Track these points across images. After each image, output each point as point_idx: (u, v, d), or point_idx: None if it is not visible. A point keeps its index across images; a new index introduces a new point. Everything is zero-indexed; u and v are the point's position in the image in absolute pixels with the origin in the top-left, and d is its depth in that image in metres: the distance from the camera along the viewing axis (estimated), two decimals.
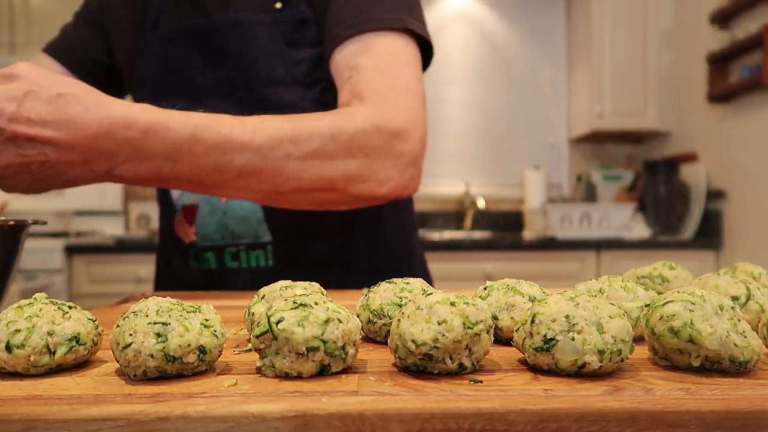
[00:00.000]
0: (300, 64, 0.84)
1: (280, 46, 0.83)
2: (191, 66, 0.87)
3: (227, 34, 0.84)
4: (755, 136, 2.45)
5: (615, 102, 2.99)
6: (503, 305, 0.46)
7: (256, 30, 0.83)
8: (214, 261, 0.89)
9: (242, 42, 0.84)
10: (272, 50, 0.83)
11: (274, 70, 0.83)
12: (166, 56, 0.88)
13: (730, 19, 2.60)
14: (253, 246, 0.88)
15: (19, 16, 2.96)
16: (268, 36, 0.83)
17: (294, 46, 0.84)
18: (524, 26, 3.37)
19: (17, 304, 0.40)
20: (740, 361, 0.37)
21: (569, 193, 3.36)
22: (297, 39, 0.84)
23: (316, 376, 0.38)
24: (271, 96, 0.84)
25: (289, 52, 0.83)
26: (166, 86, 0.88)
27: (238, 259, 0.89)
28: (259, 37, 0.83)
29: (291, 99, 0.84)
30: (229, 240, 0.88)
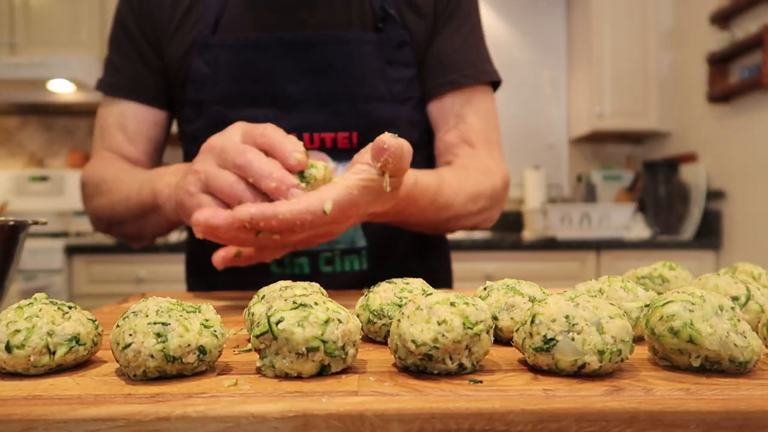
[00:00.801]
0: (397, 82, 0.90)
1: (383, 64, 0.89)
2: (283, 75, 0.87)
3: (333, 49, 0.87)
4: (755, 136, 2.45)
5: (615, 102, 2.99)
6: (503, 305, 0.46)
7: (365, 48, 0.88)
8: (308, 266, 0.90)
9: (350, 58, 0.88)
10: (375, 68, 0.89)
11: (376, 86, 0.89)
12: (246, 62, 0.87)
13: (730, 19, 2.60)
14: (348, 251, 0.91)
15: (19, 16, 2.96)
16: (373, 54, 0.89)
17: (393, 64, 0.90)
18: (524, 26, 3.38)
19: (17, 304, 0.40)
20: (740, 362, 0.37)
21: (569, 193, 3.36)
22: (396, 58, 0.90)
23: (316, 376, 0.38)
24: (372, 111, 0.89)
25: (389, 71, 0.90)
26: (245, 93, 0.88)
27: (332, 264, 0.90)
28: (367, 54, 0.88)
29: (388, 115, 0.90)
30: (324, 245, 0.89)
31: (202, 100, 0.89)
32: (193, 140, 0.92)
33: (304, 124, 0.87)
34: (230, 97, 0.88)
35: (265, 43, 0.87)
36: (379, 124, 0.88)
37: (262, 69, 0.87)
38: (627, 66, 2.99)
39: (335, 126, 0.88)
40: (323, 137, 0.88)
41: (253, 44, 0.87)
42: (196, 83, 0.89)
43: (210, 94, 0.89)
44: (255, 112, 0.87)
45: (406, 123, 0.92)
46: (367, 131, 0.88)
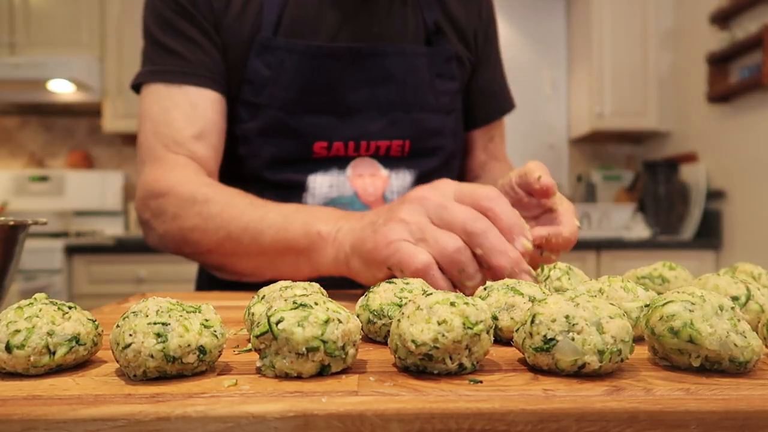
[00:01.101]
0: (444, 94, 0.94)
1: (432, 76, 0.93)
2: (343, 83, 0.88)
3: (394, 60, 0.89)
4: (755, 136, 2.45)
5: (615, 102, 2.99)
6: (503, 305, 0.46)
7: (418, 60, 0.91)
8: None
9: (406, 69, 0.90)
10: (426, 79, 0.92)
11: (426, 97, 0.92)
12: (313, 70, 0.86)
13: (730, 19, 2.60)
14: None
15: (19, 16, 2.96)
16: (426, 66, 0.92)
17: (441, 77, 0.94)
18: (524, 26, 3.38)
19: (17, 304, 0.40)
20: (740, 362, 0.37)
21: (569, 193, 3.36)
22: (444, 72, 0.94)
23: (316, 376, 0.38)
24: (423, 120, 0.92)
25: (438, 83, 0.93)
26: (309, 102, 0.86)
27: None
28: (419, 66, 0.91)
29: (437, 124, 0.94)
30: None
31: (259, 103, 0.86)
32: (243, 142, 0.89)
33: (361, 131, 0.89)
34: (292, 103, 0.86)
35: (337, 51, 0.86)
36: (429, 134, 0.93)
37: (328, 77, 0.87)
38: (627, 66, 2.99)
39: (390, 134, 0.90)
40: (378, 145, 0.90)
41: (325, 52, 0.86)
42: (255, 85, 0.85)
43: (268, 98, 0.85)
44: (313, 120, 0.87)
45: (450, 133, 0.96)
46: (418, 140, 0.93)
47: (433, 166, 0.94)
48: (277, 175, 0.89)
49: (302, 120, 0.87)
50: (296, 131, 0.88)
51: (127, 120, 2.98)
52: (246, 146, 0.89)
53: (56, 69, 2.84)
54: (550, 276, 0.55)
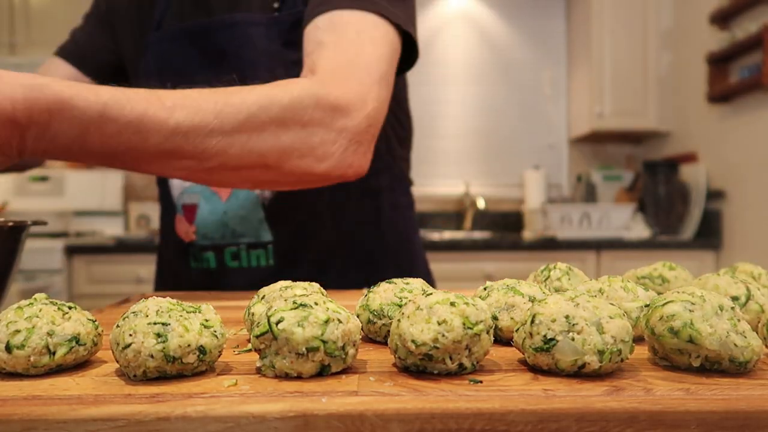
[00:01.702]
0: (298, 64, 0.78)
1: (278, 46, 0.82)
2: (191, 66, 0.86)
3: (227, 34, 0.83)
4: (755, 136, 2.45)
5: (615, 102, 2.99)
6: (503, 305, 0.46)
7: (252, 30, 0.81)
8: (214, 260, 0.89)
9: (239, 42, 0.83)
10: (270, 50, 0.82)
11: (273, 70, 0.81)
12: (167, 56, 0.88)
13: (730, 19, 2.60)
14: (254, 245, 0.88)
15: (19, 16, 2.96)
16: (265, 36, 0.82)
17: (291, 46, 0.81)
18: (524, 26, 3.37)
19: (17, 304, 0.40)
20: (740, 362, 0.37)
21: (569, 193, 3.36)
22: (294, 39, 0.81)
23: (316, 376, 0.38)
24: None
25: (287, 53, 0.82)
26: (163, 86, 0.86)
27: (238, 259, 0.88)
28: (255, 37, 0.82)
29: None
30: (229, 239, 0.88)
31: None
32: None
33: None
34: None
35: (177, 34, 0.87)
36: None
37: (175, 61, 0.88)
38: (627, 66, 2.98)
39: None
40: None
41: (169, 37, 0.88)
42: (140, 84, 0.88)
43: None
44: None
45: None
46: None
47: None
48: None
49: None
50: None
51: None
52: None
53: None
54: (550, 276, 0.55)
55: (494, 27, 3.34)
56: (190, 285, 0.92)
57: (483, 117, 3.35)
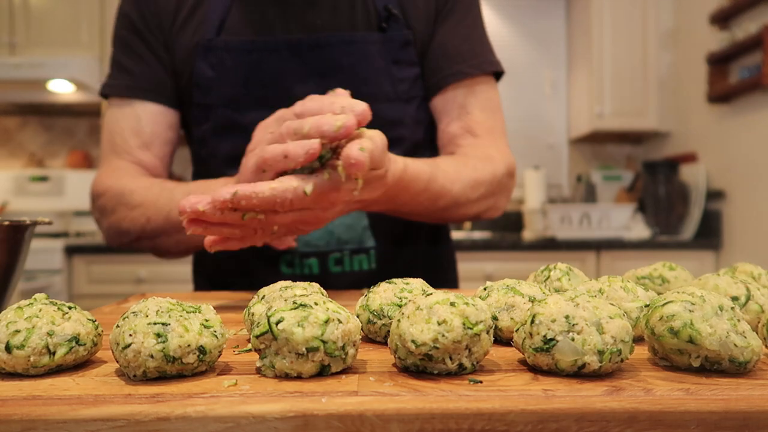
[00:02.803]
0: (402, 81, 0.90)
1: (388, 63, 0.89)
2: (290, 77, 0.87)
3: (339, 50, 0.87)
4: (755, 137, 2.45)
5: (615, 102, 2.99)
6: (503, 305, 0.47)
7: (370, 48, 0.88)
8: (318, 266, 0.90)
9: (356, 58, 0.88)
10: (381, 68, 0.89)
11: (382, 86, 0.89)
12: (253, 65, 0.87)
13: (729, 19, 2.60)
14: (357, 251, 0.91)
15: (19, 16, 2.96)
16: (379, 54, 0.89)
17: (398, 64, 0.90)
18: (524, 26, 3.38)
19: (17, 304, 0.40)
20: (740, 362, 0.37)
21: (569, 193, 3.36)
22: (401, 58, 0.90)
23: (316, 376, 0.38)
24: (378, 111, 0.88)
25: (394, 70, 0.90)
26: (251, 96, 0.87)
27: (341, 264, 0.91)
28: (372, 54, 0.88)
29: (394, 115, 0.90)
30: (334, 246, 0.90)
31: (209, 104, 0.89)
32: (201, 143, 0.92)
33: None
34: (237, 100, 0.88)
35: (272, 45, 0.87)
36: (386, 124, 0.88)
37: (269, 71, 0.87)
38: (627, 66, 2.99)
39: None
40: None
41: (260, 47, 0.87)
42: (202, 87, 0.89)
43: (216, 98, 0.88)
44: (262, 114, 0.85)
45: (412, 122, 0.92)
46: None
47: None
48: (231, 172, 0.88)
49: (249, 116, 0.86)
50: (245, 127, 0.86)
51: None
52: (205, 148, 0.92)
53: (56, 69, 2.84)
54: (550, 276, 0.55)
55: (494, 27, 3.34)
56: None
57: None
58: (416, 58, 0.91)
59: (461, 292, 0.58)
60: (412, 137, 0.93)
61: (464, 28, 0.93)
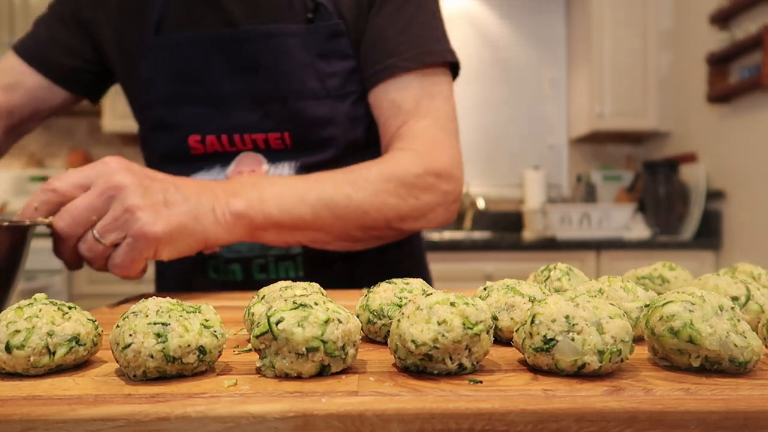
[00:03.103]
0: (332, 76, 0.83)
1: (312, 57, 0.83)
2: (215, 74, 0.84)
3: (259, 44, 0.83)
4: (755, 137, 2.45)
5: (615, 102, 2.99)
6: (503, 306, 0.46)
7: (289, 41, 0.82)
8: (240, 272, 0.88)
9: (275, 53, 0.82)
10: (305, 62, 0.83)
11: (307, 82, 0.83)
12: (181, 62, 0.85)
13: (729, 19, 2.60)
14: (283, 257, 0.87)
15: (19, 16, 2.96)
16: (301, 47, 0.82)
17: (326, 58, 0.83)
18: (524, 26, 3.38)
19: (17, 304, 0.40)
20: (740, 362, 0.37)
21: (569, 193, 3.36)
22: (329, 51, 0.83)
23: (316, 376, 0.38)
24: (305, 109, 0.83)
25: (321, 65, 0.83)
26: (182, 92, 0.86)
27: (266, 271, 0.87)
28: (292, 48, 0.82)
29: (323, 112, 0.84)
30: (257, 252, 0.87)
31: (147, 104, 0.88)
32: (143, 144, 0.92)
33: (237, 124, 0.84)
34: (170, 97, 0.86)
35: (198, 41, 0.84)
36: (314, 123, 0.83)
37: (197, 68, 0.85)
38: (627, 66, 2.99)
39: (267, 126, 0.84)
40: (254, 138, 0.84)
41: (188, 42, 0.85)
42: (141, 87, 0.88)
43: (153, 97, 0.87)
44: (192, 111, 0.85)
45: (345, 120, 0.85)
46: (300, 130, 0.84)
47: (322, 158, 0.85)
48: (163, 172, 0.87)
49: (179, 112, 0.85)
50: (173, 125, 0.86)
51: (127, 120, 2.98)
52: (145, 147, 0.93)
53: None
54: (550, 276, 0.55)
55: (494, 27, 3.34)
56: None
57: (483, 117, 3.35)
58: (351, 51, 0.84)
59: (461, 292, 0.58)
60: (346, 137, 0.85)
61: (403, 16, 0.84)
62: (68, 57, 0.92)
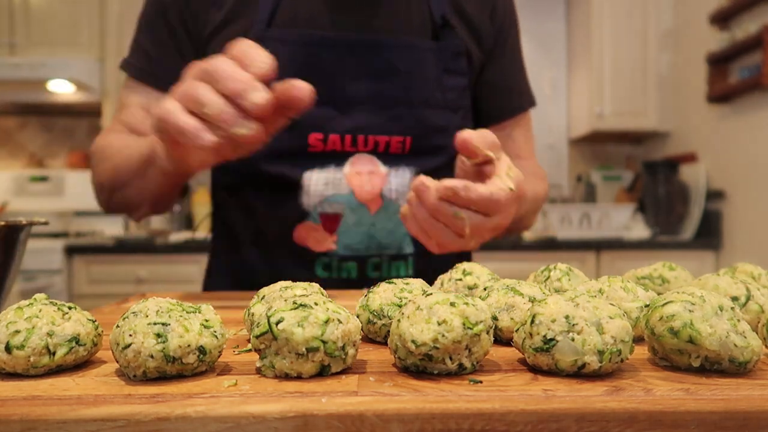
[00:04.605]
0: (452, 90, 0.92)
1: (440, 71, 0.91)
2: (343, 75, 0.87)
3: (398, 53, 0.88)
4: (755, 137, 2.45)
5: (615, 102, 2.99)
6: (503, 306, 0.47)
7: (425, 54, 0.90)
8: (356, 271, 0.89)
9: (411, 63, 0.89)
10: (434, 74, 0.90)
11: (432, 92, 0.90)
12: (310, 59, 0.86)
13: (729, 19, 2.60)
14: (396, 257, 0.91)
15: (19, 16, 2.96)
16: (433, 61, 0.90)
17: (450, 73, 0.92)
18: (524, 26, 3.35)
19: (17, 304, 0.40)
20: (740, 362, 0.37)
21: (569, 193, 3.36)
22: (452, 67, 0.92)
23: (316, 376, 0.38)
24: (428, 117, 0.90)
25: (446, 79, 0.92)
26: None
27: (379, 270, 0.91)
28: (426, 60, 0.90)
29: (441, 122, 0.91)
30: (373, 251, 0.90)
31: None
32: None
33: (360, 125, 0.87)
34: None
35: (329, 41, 0.86)
36: (433, 131, 0.91)
37: (323, 67, 0.86)
38: (627, 66, 2.98)
39: (391, 130, 0.88)
40: (377, 140, 0.88)
41: (317, 41, 0.86)
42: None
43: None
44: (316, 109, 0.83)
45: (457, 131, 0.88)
46: (420, 137, 0.90)
47: (435, 165, 0.92)
48: (273, 168, 0.87)
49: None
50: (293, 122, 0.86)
51: None
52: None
53: (56, 69, 2.84)
54: (550, 276, 0.55)
55: None
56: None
57: None
58: (466, 69, 0.94)
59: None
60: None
61: (516, 62, 1.03)
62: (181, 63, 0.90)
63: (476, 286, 0.56)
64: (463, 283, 0.56)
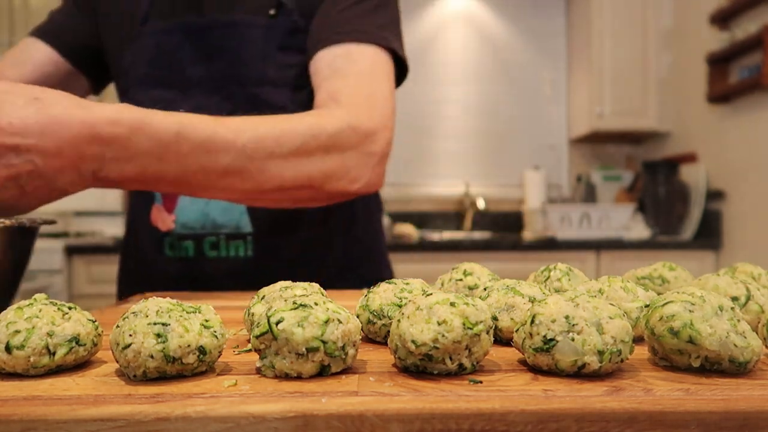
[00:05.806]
0: (290, 67, 0.89)
1: (273, 49, 0.89)
2: (182, 59, 0.90)
3: (225, 32, 0.89)
4: (755, 137, 2.45)
5: (615, 102, 2.99)
6: (503, 306, 0.47)
7: (253, 31, 0.89)
8: (193, 249, 0.91)
9: (238, 41, 0.89)
10: (265, 52, 0.89)
11: (266, 70, 0.89)
12: (156, 48, 0.91)
13: (729, 19, 2.60)
14: (234, 236, 0.91)
15: (19, 16, 2.96)
16: (262, 38, 0.89)
17: (285, 50, 0.89)
18: (524, 26, 3.37)
19: (17, 304, 0.40)
20: (740, 362, 0.37)
21: (569, 193, 3.36)
22: (289, 44, 0.89)
23: (316, 376, 0.38)
24: (261, 95, 0.89)
25: (281, 56, 0.89)
26: (153, 76, 0.91)
27: (217, 248, 0.91)
28: (255, 38, 0.89)
29: (279, 100, 0.89)
30: (209, 229, 0.91)
31: (125, 87, 0.94)
32: None
33: (199, 106, 0.85)
34: (143, 80, 0.92)
35: (169, 29, 0.91)
36: (270, 109, 0.82)
37: (167, 53, 0.91)
38: (627, 66, 2.98)
39: (223, 109, 0.84)
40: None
41: (162, 31, 0.91)
42: (121, 73, 0.94)
43: (131, 80, 0.93)
44: (160, 93, 0.90)
45: (300, 108, 0.83)
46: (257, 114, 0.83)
47: None
48: None
49: (149, 94, 0.90)
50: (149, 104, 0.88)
51: None
52: None
53: None
54: (550, 277, 0.55)
55: (494, 27, 3.34)
56: (164, 274, 0.93)
57: (483, 117, 3.35)
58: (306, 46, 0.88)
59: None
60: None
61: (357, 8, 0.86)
62: (76, 34, 0.97)
63: (476, 286, 0.56)
64: (463, 284, 0.56)
